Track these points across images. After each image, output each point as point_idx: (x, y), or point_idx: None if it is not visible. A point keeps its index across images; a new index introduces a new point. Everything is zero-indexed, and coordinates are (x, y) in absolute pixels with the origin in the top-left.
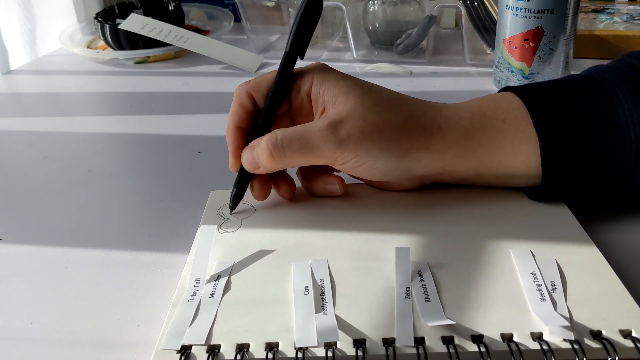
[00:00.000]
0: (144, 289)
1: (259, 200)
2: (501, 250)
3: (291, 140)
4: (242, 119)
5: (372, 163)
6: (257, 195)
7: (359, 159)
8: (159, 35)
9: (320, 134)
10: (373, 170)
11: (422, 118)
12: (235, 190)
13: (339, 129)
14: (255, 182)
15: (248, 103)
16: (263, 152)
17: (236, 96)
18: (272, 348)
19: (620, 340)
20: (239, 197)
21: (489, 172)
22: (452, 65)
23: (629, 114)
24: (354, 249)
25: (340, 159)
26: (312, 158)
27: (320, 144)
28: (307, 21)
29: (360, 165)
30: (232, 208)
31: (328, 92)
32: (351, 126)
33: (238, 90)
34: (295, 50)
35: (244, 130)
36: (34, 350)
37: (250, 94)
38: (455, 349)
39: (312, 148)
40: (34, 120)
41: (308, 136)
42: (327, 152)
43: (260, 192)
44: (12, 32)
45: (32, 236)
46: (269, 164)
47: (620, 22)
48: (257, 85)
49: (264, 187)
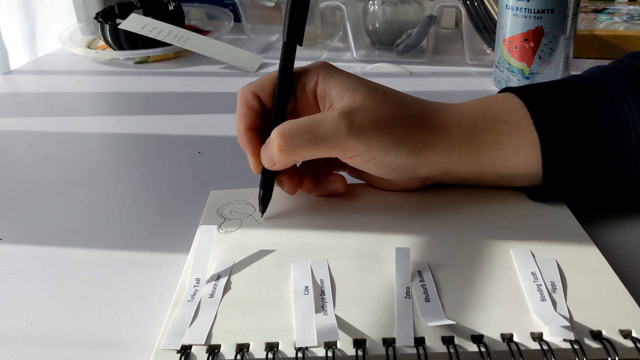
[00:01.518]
0: (144, 289)
1: (291, 194)
2: (501, 250)
3: (300, 131)
4: (252, 120)
5: (382, 158)
6: (289, 189)
7: (370, 153)
8: (159, 35)
9: (330, 123)
10: (382, 166)
11: (429, 117)
12: (262, 192)
13: (352, 119)
14: (283, 177)
15: (255, 103)
16: (274, 145)
17: (241, 98)
18: (272, 348)
19: (620, 340)
20: (267, 198)
21: (491, 172)
22: (452, 65)
23: (629, 115)
24: (354, 249)
25: (352, 150)
26: (323, 149)
27: (332, 134)
28: (298, 7)
29: (370, 160)
30: (262, 211)
31: (335, 89)
32: (364, 117)
33: (242, 92)
34: (293, 38)
35: (256, 131)
36: (34, 350)
37: (255, 94)
38: (455, 349)
39: (322, 138)
40: (34, 120)
41: (317, 126)
42: (338, 142)
43: (291, 185)
44: (12, 32)
45: (32, 236)
46: (280, 156)
47: (620, 22)
48: (261, 85)
49: (293, 180)
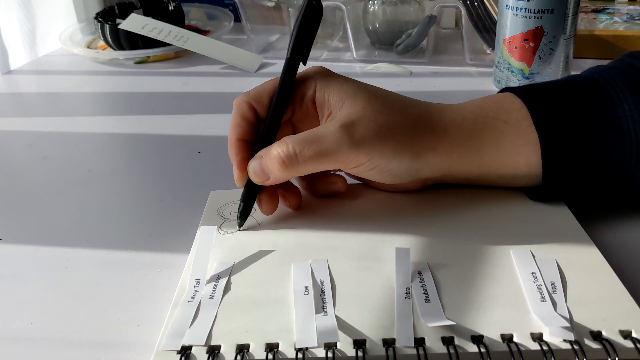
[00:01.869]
0: (144, 289)
1: (267, 214)
2: (501, 251)
3: (303, 147)
4: (245, 131)
5: (384, 165)
6: (266, 210)
7: (372, 162)
8: (159, 35)
9: (332, 137)
10: (385, 173)
11: (429, 119)
12: (243, 205)
13: (353, 131)
14: (263, 196)
15: (249, 114)
16: (274, 162)
17: (236, 108)
18: (272, 348)
19: (620, 340)
20: (246, 212)
21: (491, 172)
22: (452, 65)
23: (629, 114)
24: (354, 249)
25: (354, 161)
26: (326, 163)
27: (335, 148)
28: (307, 25)
29: (372, 168)
30: (240, 224)
31: (334, 96)
32: (364, 128)
33: (238, 102)
34: (297, 55)
35: (247, 143)
36: (34, 350)
37: (251, 104)
38: (455, 349)
39: (326, 153)
40: (34, 120)
41: (320, 140)
42: (341, 156)
43: (269, 205)
44: (12, 32)
45: (32, 236)
46: (281, 173)
47: (620, 22)
48: (258, 96)
49: (271, 201)
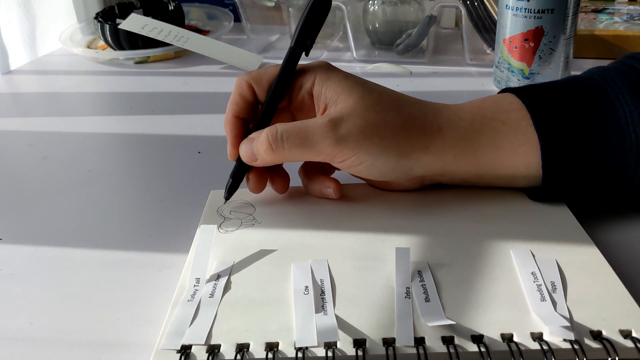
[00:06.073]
0: (144, 289)
1: (254, 192)
2: (501, 250)
3: (290, 135)
4: (241, 109)
5: (371, 162)
6: (253, 188)
7: (358, 158)
8: (159, 35)
9: (319, 130)
10: (372, 170)
11: (423, 118)
12: (231, 181)
13: (339, 127)
14: (251, 175)
15: (248, 94)
16: (262, 145)
17: (237, 86)
18: (272, 348)
19: (620, 340)
20: (234, 188)
21: (489, 173)
22: (452, 65)
23: (629, 115)
24: (354, 249)
25: (339, 156)
26: (311, 153)
27: (319, 140)
28: (314, 17)
29: (359, 164)
30: (226, 198)
31: (330, 90)
32: (351, 124)
33: (239, 81)
34: (300, 46)
35: (242, 120)
36: (34, 350)
37: (251, 85)
38: (455, 349)
39: (310, 143)
40: (34, 120)
41: (308, 131)
42: (325, 149)
43: (256, 185)
44: (12, 32)
45: (32, 236)
46: (267, 156)
47: (620, 22)
48: (259, 78)
49: (259, 180)
